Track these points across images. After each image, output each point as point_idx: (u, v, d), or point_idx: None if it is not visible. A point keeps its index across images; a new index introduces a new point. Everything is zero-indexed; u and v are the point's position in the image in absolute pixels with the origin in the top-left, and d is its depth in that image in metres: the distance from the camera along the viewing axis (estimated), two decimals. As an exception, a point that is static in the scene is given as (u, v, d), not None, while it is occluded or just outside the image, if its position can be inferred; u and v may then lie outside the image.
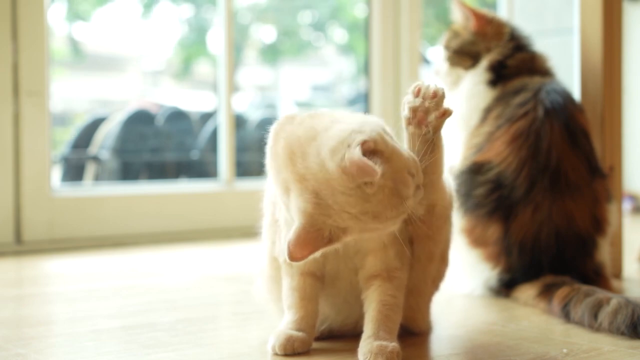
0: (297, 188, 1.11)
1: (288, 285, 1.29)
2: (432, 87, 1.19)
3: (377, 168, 1.07)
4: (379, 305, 1.23)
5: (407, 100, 1.20)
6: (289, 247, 1.10)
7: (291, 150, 1.13)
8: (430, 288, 1.38)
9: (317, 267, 1.28)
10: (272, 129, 1.19)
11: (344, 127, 1.12)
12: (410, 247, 1.30)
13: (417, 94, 1.20)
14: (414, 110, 1.20)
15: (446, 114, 1.20)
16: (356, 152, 1.07)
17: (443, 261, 1.38)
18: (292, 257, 1.10)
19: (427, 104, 1.19)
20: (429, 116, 1.20)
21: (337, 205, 1.09)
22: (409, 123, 1.21)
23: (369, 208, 1.09)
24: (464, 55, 1.96)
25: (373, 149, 1.10)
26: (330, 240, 1.11)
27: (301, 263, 1.25)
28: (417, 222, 1.23)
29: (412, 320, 1.37)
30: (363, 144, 1.09)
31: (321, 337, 1.35)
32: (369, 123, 1.14)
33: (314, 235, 1.10)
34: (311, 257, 1.11)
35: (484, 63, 1.93)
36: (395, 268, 1.25)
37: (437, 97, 1.19)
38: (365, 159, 1.07)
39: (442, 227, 1.33)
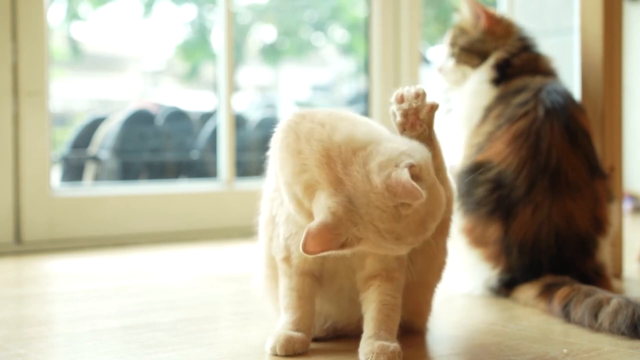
0: (331, 190, 1.14)
1: (286, 285, 1.29)
2: (413, 89, 1.25)
3: (423, 193, 1.11)
4: (380, 305, 1.24)
5: (395, 108, 1.26)
6: (306, 238, 1.11)
7: (328, 155, 1.16)
8: (435, 279, 1.40)
9: (316, 267, 1.29)
10: (284, 123, 1.23)
11: (394, 146, 1.17)
12: None
13: (401, 99, 1.25)
14: (405, 114, 1.25)
15: (434, 107, 1.26)
16: (404, 173, 1.12)
17: (445, 250, 1.40)
18: (306, 249, 1.12)
19: (414, 104, 1.24)
20: (420, 114, 1.24)
21: (368, 216, 1.12)
22: (403, 128, 1.26)
23: (396, 228, 1.13)
24: (472, 53, 1.96)
25: (417, 175, 1.14)
26: (343, 246, 1.13)
27: (301, 263, 1.26)
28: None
29: (418, 315, 1.39)
30: (410, 167, 1.13)
31: (325, 337, 1.35)
32: (419, 150, 1.19)
33: (333, 236, 1.12)
34: (320, 255, 1.13)
35: (491, 61, 1.93)
36: (394, 269, 1.27)
37: (420, 95, 1.24)
38: (412, 182, 1.11)
39: (450, 220, 1.37)
